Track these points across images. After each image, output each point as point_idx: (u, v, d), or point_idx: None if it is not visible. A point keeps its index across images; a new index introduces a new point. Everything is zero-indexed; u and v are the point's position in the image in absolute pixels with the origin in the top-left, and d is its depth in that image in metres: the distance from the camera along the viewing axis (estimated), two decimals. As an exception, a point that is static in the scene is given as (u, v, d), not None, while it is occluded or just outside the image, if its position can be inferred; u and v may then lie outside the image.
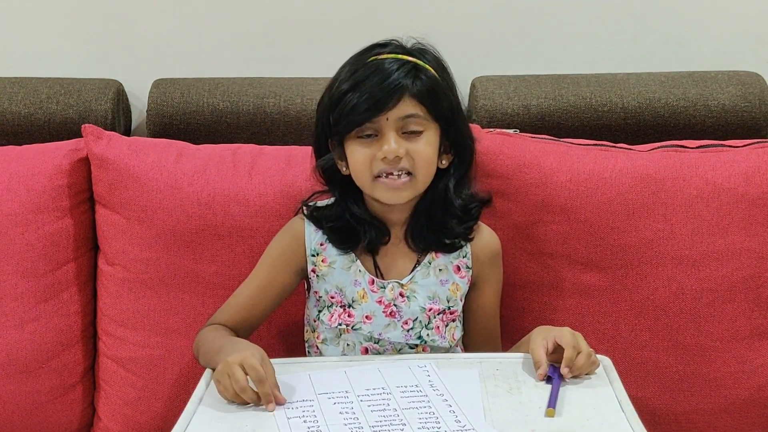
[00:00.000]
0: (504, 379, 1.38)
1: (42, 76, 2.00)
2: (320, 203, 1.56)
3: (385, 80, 1.42)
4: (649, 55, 2.06)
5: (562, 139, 1.79)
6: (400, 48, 1.48)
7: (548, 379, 1.36)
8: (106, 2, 2.06)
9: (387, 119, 1.43)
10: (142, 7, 2.06)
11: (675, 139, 1.81)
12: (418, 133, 1.45)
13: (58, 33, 2.08)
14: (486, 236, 1.58)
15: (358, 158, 1.45)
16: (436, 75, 1.47)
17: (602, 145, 1.78)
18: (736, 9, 2.05)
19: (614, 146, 1.78)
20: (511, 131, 1.80)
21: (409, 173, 1.45)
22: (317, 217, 1.54)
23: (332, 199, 1.55)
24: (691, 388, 1.69)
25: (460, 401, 1.30)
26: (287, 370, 1.40)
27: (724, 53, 2.05)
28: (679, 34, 2.06)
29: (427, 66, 1.46)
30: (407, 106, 1.43)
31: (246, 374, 1.30)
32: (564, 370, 1.35)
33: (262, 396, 1.30)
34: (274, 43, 2.07)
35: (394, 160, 1.43)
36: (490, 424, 1.25)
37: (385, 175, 1.45)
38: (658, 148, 1.77)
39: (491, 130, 1.79)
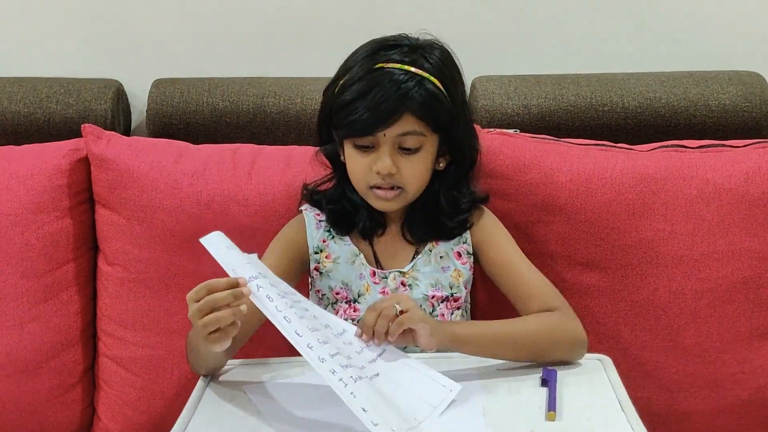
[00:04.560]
0: (504, 379, 1.38)
1: (42, 76, 2.00)
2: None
3: (385, 98, 1.42)
4: (649, 55, 2.06)
5: (562, 139, 1.79)
6: (407, 54, 1.47)
7: (544, 382, 1.36)
8: (106, 2, 2.06)
9: (384, 135, 1.44)
10: (142, 7, 2.06)
11: (675, 139, 1.81)
12: (415, 149, 1.46)
13: (58, 33, 2.08)
14: (482, 218, 1.59)
15: (354, 166, 1.49)
16: (439, 86, 1.46)
17: (602, 145, 1.78)
18: (736, 9, 2.05)
19: (614, 146, 1.78)
20: (511, 131, 1.80)
21: (401, 187, 1.48)
22: (317, 200, 1.58)
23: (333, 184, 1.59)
24: (691, 389, 1.69)
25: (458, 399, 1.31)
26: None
27: (724, 53, 2.05)
28: (679, 34, 2.06)
29: (431, 77, 1.45)
30: (405, 124, 1.44)
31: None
32: (357, 331, 1.30)
33: (227, 286, 1.25)
34: (274, 43, 2.07)
35: (387, 176, 1.46)
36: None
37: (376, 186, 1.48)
38: (659, 148, 1.77)
39: (491, 130, 1.79)
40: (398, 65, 1.45)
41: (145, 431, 1.76)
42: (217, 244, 1.33)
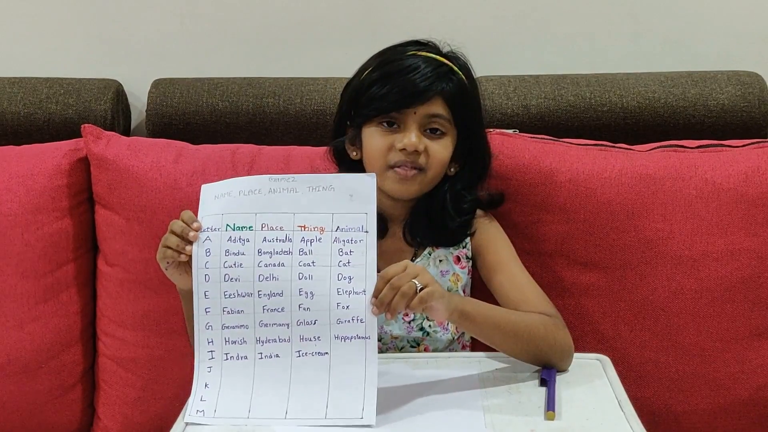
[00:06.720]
0: (504, 379, 1.39)
1: (42, 76, 2.00)
2: None
3: (421, 77, 1.45)
4: (649, 55, 2.06)
5: (561, 139, 1.79)
6: (436, 50, 1.51)
7: (543, 382, 1.36)
8: (106, 2, 2.06)
9: (415, 113, 1.46)
10: (142, 7, 2.06)
11: (675, 139, 1.81)
12: (440, 134, 1.48)
13: (58, 33, 2.08)
14: (485, 224, 1.59)
15: (376, 145, 1.48)
16: (467, 83, 1.50)
17: (602, 145, 1.78)
18: (736, 9, 2.05)
19: (614, 146, 1.78)
20: (511, 131, 1.80)
21: (421, 169, 1.47)
22: None
23: None
24: (691, 388, 1.69)
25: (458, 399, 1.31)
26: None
27: (724, 53, 2.05)
28: (679, 34, 2.06)
29: (460, 73, 1.50)
30: (436, 106, 1.46)
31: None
32: (372, 300, 1.27)
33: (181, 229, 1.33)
34: (274, 43, 2.07)
35: (413, 154, 1.46)
36: None
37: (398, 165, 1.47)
38: (658, 148, 1.78)
39: (491, 130, 1.79)
40: (432, 54, 1.49)
41: (145, 431, 1.76)
42: (216, 191, 1.35)
